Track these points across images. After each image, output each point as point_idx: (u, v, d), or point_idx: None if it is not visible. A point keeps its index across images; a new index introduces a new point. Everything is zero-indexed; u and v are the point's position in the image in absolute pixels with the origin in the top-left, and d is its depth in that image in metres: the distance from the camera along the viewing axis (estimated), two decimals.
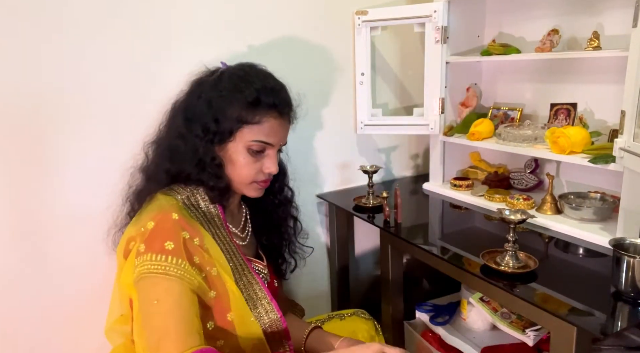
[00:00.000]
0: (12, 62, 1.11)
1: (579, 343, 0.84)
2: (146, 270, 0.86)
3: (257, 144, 0.98)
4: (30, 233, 1.20)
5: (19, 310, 1.21)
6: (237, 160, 0.99)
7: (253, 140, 0.98)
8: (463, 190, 1.50)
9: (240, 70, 1.02)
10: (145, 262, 0.87)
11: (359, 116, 1.60)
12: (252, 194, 1.04)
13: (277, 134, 1.01)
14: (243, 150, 0.98)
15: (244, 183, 1.01)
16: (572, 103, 1.34)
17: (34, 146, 1.17)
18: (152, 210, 0.95)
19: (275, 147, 1.02)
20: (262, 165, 1.01)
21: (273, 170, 1.02)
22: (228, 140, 0.98)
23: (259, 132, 0.98)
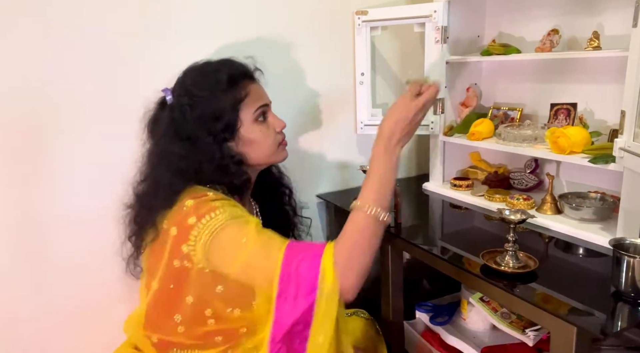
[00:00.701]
0: (12, 62, 1.11)
1: (579, 343, 0.83)
2: (213, 227, 0.89)
3: (259, 110, 1.05)
4: (30, 233, 1.20)
5: (18, 310, 1.21)
6: (255, 137, 1.04)
7: (255, 109, 1.04)
8: (463, 190, 1.50)
9: (191, 73, 1.05)
10: (207, 225, 0.90)
11: (359, 116, 1.60)
12: (283, 155, 1.11)
13: (263, 94, 1.09)
14: (253, 125, 1.04)
15: (273, 150, 1.08)
16: (572, 103, 1.34)
17: (34, 146, 1.17)
18: (184, 197, 0.95)
19: (270, 106, 1.10)
20: (274, 127, 1.08)
21: (283, 124, 1.10)
22: (238, 128, 1.02)
23: (253, 101, 1.04)
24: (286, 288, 0.85)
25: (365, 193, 0.93)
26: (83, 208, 1.24)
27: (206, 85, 1.01)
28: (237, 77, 1.03)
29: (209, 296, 0.95)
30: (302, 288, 0.85)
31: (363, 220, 0.90)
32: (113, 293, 1.31)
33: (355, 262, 0.87)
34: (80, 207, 1.24)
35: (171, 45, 1.28)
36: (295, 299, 0.85)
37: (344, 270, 0.86)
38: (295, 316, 0.85)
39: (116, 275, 1.30)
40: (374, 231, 0.90)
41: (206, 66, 1.05)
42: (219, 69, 1.03)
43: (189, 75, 1.05)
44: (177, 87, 1.05)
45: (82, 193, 1.24)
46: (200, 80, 1.02)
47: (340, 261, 0.86)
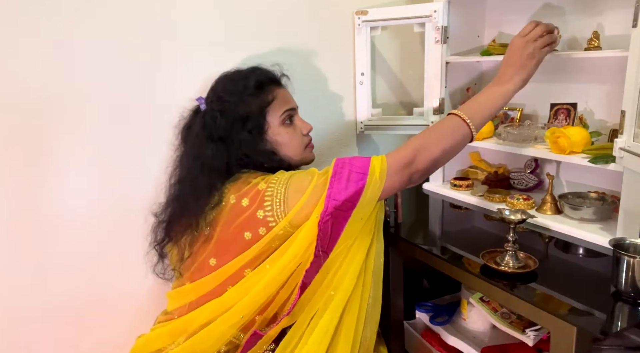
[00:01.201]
0: (13, 62, 1.11)
1: (579, 343, 0.83)
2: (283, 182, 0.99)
3: (286, 114, 1.13)
4: (30, 233, 1.20)
5: (18, 311, 1.21)
6: (282, 140, 1.12)
7: (281, 113, 1.12)
8: (463, 190, 1.50)
9: (223, 80, 1.14)
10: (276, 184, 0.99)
11: (359, 116, 1.60)
12: (311, 157, 1.20)
13: (290, 99, 1.17)
14: (281, 128, 1.12)
15: (301, 152, 1.16)
16: (572, 103, 1.34)
17: (34, 146, 1.17)
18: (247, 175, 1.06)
19: (297, 110, 1.18)
20: (300, 129, 1.16)
21: (310, 127, 1.18)
22: (266, 130, 1.10)
23: (280, 105, 1.12)
24: (340, 171, 0.97)
25: (465, 105, 1.07)
26: (84, 209, 1.24)
27: (235, 91, 1.10)
28: (264, 83, 1.12)
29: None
30: (354, 173, 0.97)
31: (451, 121, 1.03)
32: (114, 294, 1.31)
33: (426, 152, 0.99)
34: (81, 208, 1.24)
35: (173, 48, 1.28)
36: (347, 181, 0.96)
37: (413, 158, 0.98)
38: (347, 195, 0.95)
39: (117, 275, 1.30)
40: (456, 132, 1.02)
41: (236, 74, 1.14)
42: (248, 75, 1.12)
43: (220, 82, 1.14)
44: (210, 94, 1.15)
45: (84, 194, 1.23)
46: (230, 86, 1.11)
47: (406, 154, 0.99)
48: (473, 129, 1.03)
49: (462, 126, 1.02)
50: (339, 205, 0.95)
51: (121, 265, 1.28)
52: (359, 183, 0.96)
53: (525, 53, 1.06)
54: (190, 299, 1.08)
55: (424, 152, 0.99)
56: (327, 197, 0.95)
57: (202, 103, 1.13)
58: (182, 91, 1.27)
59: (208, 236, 1.05)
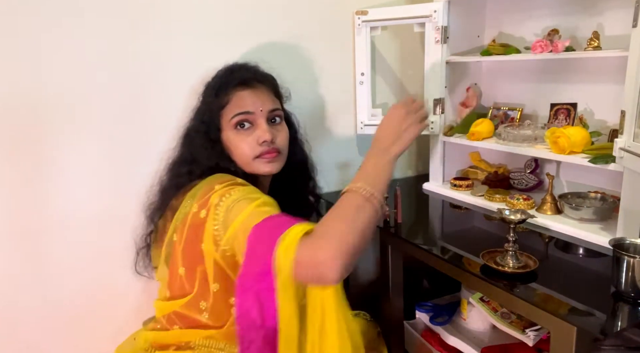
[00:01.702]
0: (12, 62, 1.11)
1: (579, 343, 0.83)
2: (230, 202, 0.90)
3: (237, 117, 1.05)
4: (30, 233, 1.20)
5: (18, 310, 1.21)
6: (232, 144, 1.06)
7: (232, 116, 1.05)
8: (463, 190, 1.50)
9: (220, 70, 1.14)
10: (225, 201, 0.91)
11: (359, 116, 1.60)
12: (263, 170, 1.07)
13: (250, 100, 1.06)
14: (232, 132, 1.06)
15: (248, 162, 1.06)
16: (572, 103, 1.34)
17: (34, 146, 1.17)
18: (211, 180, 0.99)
19: (258, 115, 1.06)
20: (256, 137, 1.05)
21: (265, 137, 1.05)
22: (220, 133, 1.07)
23: (233, 108, 1.06)
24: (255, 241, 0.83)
25: (356, 180, 0.90)
26: (83, 209, 1.24)
27: (206, 88, 1.11)
28: (227, 83, 1.07)
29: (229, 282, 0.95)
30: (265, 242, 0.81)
31: (351, 198, 0.85)
32: (114, 295, 1.31)
33: (335, 231, 0.78)
34: (81, 208, 1.24)
35: (172, 47, 1.28)
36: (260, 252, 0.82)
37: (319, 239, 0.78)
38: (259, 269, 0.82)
39: (117, 276, 1.30)
40: (360, 209, 0.83)
41: (225, 68, 1.14)
42: (220, 73, 1.12)
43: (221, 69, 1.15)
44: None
45: (83, 194, 1.23)
46: (208, 81, 1.12)
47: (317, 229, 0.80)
48: (378, 204, 0.86)
49: (366, 203, 0.85)
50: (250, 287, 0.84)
51: (122, 265, 1.28)
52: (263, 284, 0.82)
53: (404, 124, 0.97)
54: (169, 310, 1.05)
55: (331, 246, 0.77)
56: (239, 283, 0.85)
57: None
58: (181, 91, 1.27)
59: (176, 243, 1.02)
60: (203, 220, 0.93)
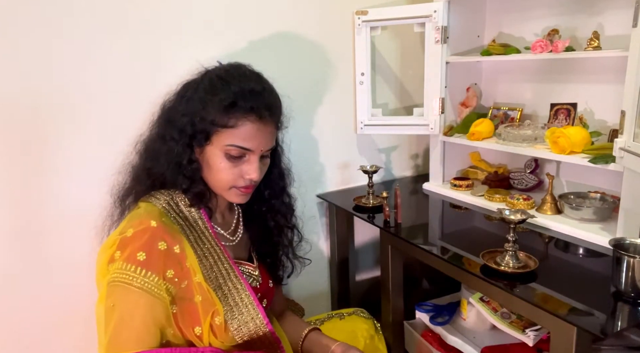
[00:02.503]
0: (12, 62, 1.11)
1: (579, 343, 0.84)
2: (113, 279, 0.86)
3: (235, 149, 0.93)
4: (30, 232, 1.20)
5: (18, 310, 1.21)
6: (214, 164, 0.94)
7: (229, 144, 0.93)
8: (463, 190, 1.50)
9: (222, 70, 0.98)
10: (116, 270, 0.86)
11: (359, 116, 1.60)
12: (234, 200, 0.99)
13: (256, 138, 0.94)
14: (221, 154, 0.94)
15: (223, 188, 0.97)
16: (572, 103, 1.34)
17: (33, 145, 1.17)
18: (133, 218, 0.92)
19: (256, 153, 0.96)
20: (242, 171, 0.95)
21: (253, 177, 0.95)
22: (205, 144, 0.94)
23: (235, 137, 0.93)
24: None
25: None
26: (83, 207, 1.24)
27: (211, 89, 0.94)
28: (241, 106, 0.92)
29: None
30: None
31: None
32: None
33: None
34: (80, 206, 1.24)
35: (170, 46, 1.28)
36: None
37: None
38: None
39: None
40: None
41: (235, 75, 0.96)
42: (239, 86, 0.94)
43: (223, 68, 0.99)
44: (212, 68, 1.00)
45: (82, 192, 1.23)
46: (215, 80, 0.95)
47: None
48: None
49: None
50: None
51: None
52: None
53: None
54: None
55: None
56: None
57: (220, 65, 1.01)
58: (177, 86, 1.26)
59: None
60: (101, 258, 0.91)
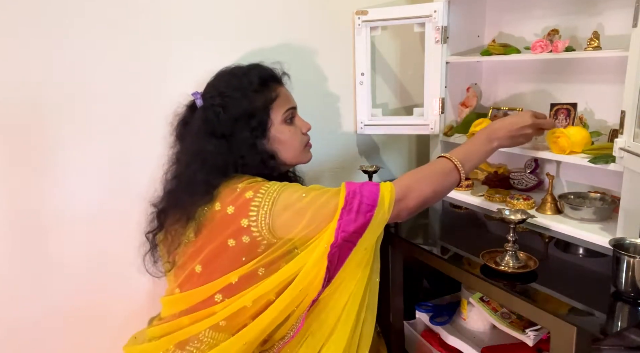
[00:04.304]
0: (14, 61, 1.11)
1: (579, 343, 0.83)
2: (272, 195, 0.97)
3: (288, 112, 1.12)
4: (30, 232, 1.20)
5: (18, 310, 1.21)
6: (284, 137, 1.11)
7: (284, 111, 1.11)
8: (463, 190, 1.50)
9: (223, 76, 1.11)
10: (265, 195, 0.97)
11: (359, 116, 1.60)
12: (308, 158, 1.18)
13: (290, 97, 1.15)
14: (283, 126, 1.11)
15: (301, 151, 1.15)
16: (572, 103, 1.34)
17: (34, 146, 1.17)
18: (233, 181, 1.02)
19: (296, 109, 1.16)
20: (300, 128, 1.15)
21: (309, 126, 1.17)
22: (269, 127, 1.09)
23: (283, 103, 1.11)
24: (351, 201, 0.95)
25: (456, 150, 1.07)
26: (83, 208, 1.24)
27: (238, 87, 1.07)
28: (267, 80, 1.10)
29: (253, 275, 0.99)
30: (363, 205, 0.95)
31: (443, 163, 1.03)
32: (115, 294, 1.31)
33: (417, 190, 0.99)
34: (81, 207, 1.24)
35: (172, 48, 1.28)
36: (357, 212, 0.94)
37: (404, 195, 0.98)
38: (355, 226, 0.94)
39: (118, 276, 1.30)
40: (447, 175, 1.02)
41: (236, 69, 1.12)
42: (249, 71, 1.10)
43: (220, 78, 1.11)
44: (209, 89, 1.12)
45: (84, 194, 1.23)
46: (232, 81, 1.08)
47: (400, 190, 0.97)
48: (463, 176, 1.04)
49: (453, 172, 1.03)
50: (347, 237, 0.94)
51: (124, 264, 1.28)
52: (367, 215, 0.95)
53: (524, 131, 1.10)
54: (180, 308, 1.07)
55: (416, 190, 0.99)
56: (337, 229, 0.94)
57: (198, 98, 1.10)
58: (181, 89, 1.26)
59: (194, 242, 1.04)
60: (232, 216, 0.97)
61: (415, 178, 1.01)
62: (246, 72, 1.10)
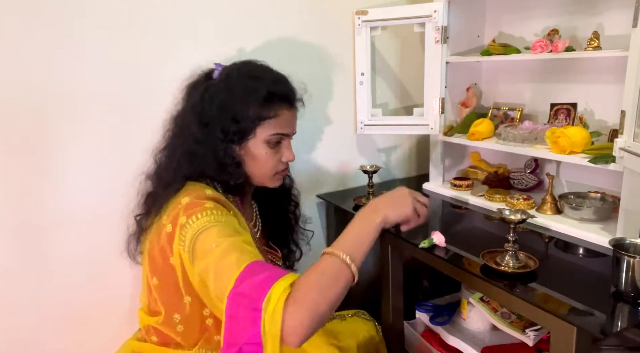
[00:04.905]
0: (15, 61, 1.11)
1: (579, 343, 0.83)
2: (196, 229, 0.88)
3: (276, 137, 1.04)
4: (29, 232, 1.20)
5: (17, 310, 1.21)
6: (258, 155, 1.04)
7: (272, 134, 1.04)
8: (463, 190, 1.50)
9: (244, 68, 1.06)
10: (192, 225, 0.89)
11: (359, 116, 1.60)
12: (274, 184, 1.10)
13: (291, 123, 1.08)
14: (263, 145, 1.04)
15: (268, 175, 1.07)
16: (572, 103, 1.34)
17: (35, 146, 1.17)
18: (183, 192, 0.97)
19: (290, 136, 1.09)
20: (281, 156, 1.08)
21: (292, 158, 1.09)
22: (248, 138, 1.03)
23: (276, 125, 1.04)
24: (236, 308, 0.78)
25: (340, 242, 0.87)
26: (84, 209, 1.24)
27: (246, 88, 1.02)
28: (275, 98, 1.04)
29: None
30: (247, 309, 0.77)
31: (331, 263, 0.83)
32: (113, 294, 1.31)
33: (309, 301, 0.77)
34: (81, 207, 1.24)
35: (172, 47, 1.28)
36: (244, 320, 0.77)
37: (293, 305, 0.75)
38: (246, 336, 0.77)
39: (118, 276, 1.30)
40: (337, 276, 0.81)
41: (259, 70, 1.07)
42: (265, 80, 1.04)
43: (242, 68, 1.07)
44: (229, 69, 1.06)
45: (83, 193, 1.23)
46: (246, 80, 1.03)
47: (293, 293, 0.77)
48: (356, 273, 0.84)
49: (345, 270, 0.83)
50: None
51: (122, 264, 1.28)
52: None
53: (405, 201, 0.96)
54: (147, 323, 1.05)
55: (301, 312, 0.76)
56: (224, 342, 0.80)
57: (219, 69, 1.06)
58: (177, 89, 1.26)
59: (149, 251, 1.01)
60: (170, 236, 0.92)
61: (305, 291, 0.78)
62: (265, 79, 1.04)
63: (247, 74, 1.04)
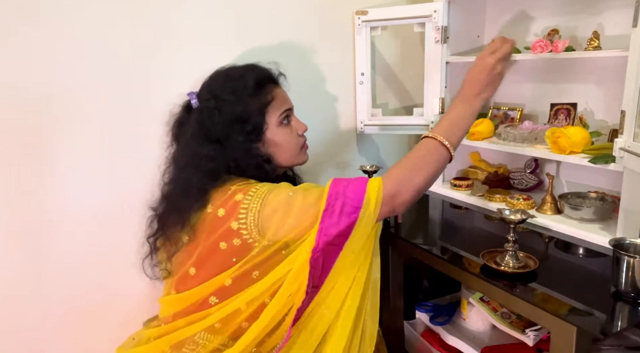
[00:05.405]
0: (15, 61, 1.11)
1: (579, 343, 0.84)
2: (260, 196, 0.95)
3: (284, 114, 1.10)
4: (30, 232, 1.20)
5: (17, 310, 1.21)
6: (280, 139, 1.09)
7: (279, 113, 1.09)
8: (463, 190, 1.50)
9: (218, 77, 1.10)
10: (253, 197, 0.95)
11: (359, 116, 1.60)
12: (304, 159, 1.17)
13: (287, 98, 1.14)
14: (278, 129, 1.09)
15: (297, 152, 1.13)
16: (572, 103, 1.34)
17: (35, 146, 1.17)
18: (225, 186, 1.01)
19: (293, 109, 1.15)
20: (296, 130, 1.13)
21: (305, 128, 1.15)
22: (264, 130, 1.07)
23: (279, 105, 1.09)
24: (333, 203, 0.92)
25: (437, 126, 1.01)
26: (85, 209, 1.24)
27: (233, 89, 1.05)
28: (263, 82, 1.09)
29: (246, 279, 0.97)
30: (347, 206, 0.92)
31: (428, 145, 0.98)
32: (114, 294, 1.31)
33: (409, 181, 0.95)
34: (82, 208, 1.24)
35: (172, 48, 1.28)
36: (340, 215, 0.91)
37: (397, 191, 0.93)
38: (339, 229, 0.91)
39: (118, 276, 1.30)
40: (435, 156, 0.97)
41: (232, 71, 1.10)
42: (245, 73, 1.08)
43: (215, 79, 1.10)
44: (204, 91, 1.10)
45: (84, 193, 1.23)
46: (227, 84, 1.07)
47: (391, 186, 0.94)
48: (452, 150, 0.97)
49: (440, 149, 0.97)
50: (330, 240, 0.91)
51: (123, 264, 1.28)
52: (352, 217, 0.92)
53: (495, 72, 1.01)
54: (176, 309, 1.06)
55: (408, 182, 0.95)
56: (318, 232, 0.91)
57: (194, 98, 1.08)
58: (178, 88, 1.26)
59: (188, 245, 1.03)
60: (222, 219, 0.96)
61: (405, 169, 0.97)
62: (242, 74, 1.08)
63: (225, 80, 1.08)
